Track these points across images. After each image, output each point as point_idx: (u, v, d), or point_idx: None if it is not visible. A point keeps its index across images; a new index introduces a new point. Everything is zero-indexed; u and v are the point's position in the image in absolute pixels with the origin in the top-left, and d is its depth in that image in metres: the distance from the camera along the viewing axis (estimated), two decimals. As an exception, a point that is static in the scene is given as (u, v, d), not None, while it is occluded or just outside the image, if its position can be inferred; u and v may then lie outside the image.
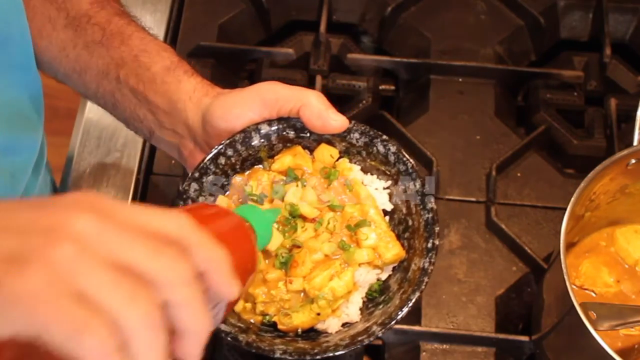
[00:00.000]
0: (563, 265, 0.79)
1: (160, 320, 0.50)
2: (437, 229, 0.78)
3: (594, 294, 0.93)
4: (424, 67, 1.17)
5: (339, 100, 1.13)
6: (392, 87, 1.22)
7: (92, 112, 1.10)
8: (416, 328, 0.97)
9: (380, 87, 1.20)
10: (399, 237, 0.79)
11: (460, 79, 1.17)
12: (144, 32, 0.86)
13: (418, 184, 0.79)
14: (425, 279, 0.76)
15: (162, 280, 0.50)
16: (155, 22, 1.18)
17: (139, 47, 0.84)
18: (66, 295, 0.48)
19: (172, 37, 1.19)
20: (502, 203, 1.06)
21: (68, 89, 0.92)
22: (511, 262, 1.03)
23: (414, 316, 0.99)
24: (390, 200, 0.81)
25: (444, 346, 0.97)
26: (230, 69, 1.20)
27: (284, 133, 0.81)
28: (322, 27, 1.18)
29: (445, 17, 1.23)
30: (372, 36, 1.26)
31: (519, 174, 1.09)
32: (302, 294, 0.77)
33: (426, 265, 0.76)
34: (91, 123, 1.10)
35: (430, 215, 0.78)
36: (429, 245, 0.77)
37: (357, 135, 0.81)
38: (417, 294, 0.75)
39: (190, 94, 0.82)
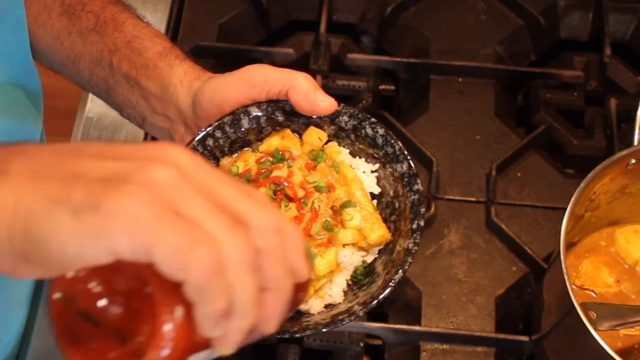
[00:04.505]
0: (563, 265, 0.79)
1: (255, 260, 0.50)
2: (422, 210, 0.78)
3: (594, 294, 0.93)
4: (424, 67, 1.17)
5: (339, 101, 1.13)
6: (392, 87, 1.22)
7: (92, 112, 1.10)
8: (416, 328, 0.97)
9: (380, 87, 1.20)
10: (385, 220, 0.79)
11: (460, 79, 1.17)
12: (137, 19, 0.87)
13: (405, 166, 0.80)
14: (409, 260, 0.75)
15: (253, 224, 0.51)
16: (155, 22, 1.17)
17: (132, 34, 0.85)
18: (169, 214, 0.48)
19: (172, 37, 1.19)
20: (502, 203, 1.06)
21: (67, 88, 0.92)
22: (511, 262, 1.03)
23: (414, 316, 0.99)
24: (378, 183, 0.82)
25: (444, 346, 0.97)
26: (230, 69, 1.19)
27: (273, 116, 0.81)
28: (322, 27, 1.18)
29: (445, 17, 1.22)
30: (372, 36, 1.26)
31: (519, 174, 1.09)
32: None
33: (410, 245, 0.76)
34: (91, 123, 1.10)
35: (417, 197, 0.78)
36: (414, 226, 0.77)
37: (345, 118, 0.81)
38: (400, 274, 0.75)
39: (182, 78, 0.82)
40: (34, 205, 0.49)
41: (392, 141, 0.80)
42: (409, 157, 0.80)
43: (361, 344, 0.98)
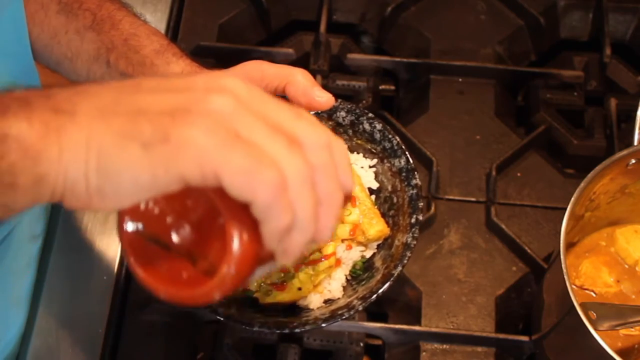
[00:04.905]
0: (563, 265, 0.79)
1: (312, 177, 0.54)
2: (421, 204, 0.78)
3: (594, 294, 0.93)
4: (424, 67, 1.17)
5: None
6: (392, 87, 1.22)
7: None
8: (416, 328, 0.97)
9: (380, 87, 1.20)
10: (384, 215, 0.80)
11: (460, 79, 1.17)
12: (134, 17, 0.87)
13: (403, 160, 0.80)
14: (408, 254, 0.76)
15: (306, 142, 0.54)
16: (155, 22, 1.18)
17: (128, 31, 0.85)
18: (233, 139, 0.51)
19: (172, 37, 1.19)
20: (502, 203, 1.06)
21: (68, 88, 0.92)
22: (511, 262, 1.03)
23: (414, 316, 0.99)
24: (376, 178, 0.82)
25: (444, 346, 0.97)
26: (230, 69, 1.20)
27: None
28: (322, 27, 1.18)
29: (445, 17, 1.22)
30: (372, 36, 1.26)
31: (519, 174, 1.09)
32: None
33: (409, 240, 0.77)
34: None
35: (415, 191, 0.78)
36: (413, 220, 0.77)
37: (343, 113, 0.81)
38: (399, 269, 0.75)
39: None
40: (105, 142, 0.52)
41: (390, 136, 0.80)
42: (406, 152, 0.80)
43: (361, 344, 0.98)
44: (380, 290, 0.74)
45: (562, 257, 0.80)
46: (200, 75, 0.55)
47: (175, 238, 0.59)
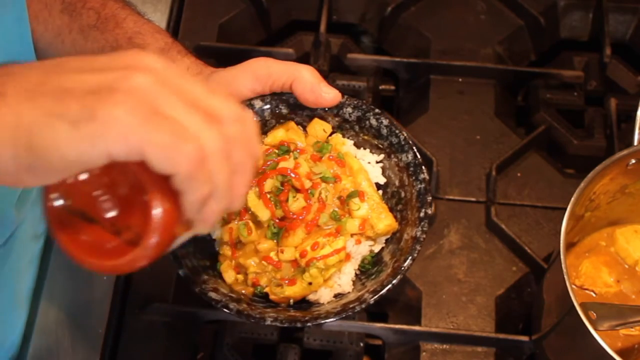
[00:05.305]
0: (563, 265, 0.79)
1: (227, 148, 0.57)
2: (429, 198, 0.78)
3: (594, 294, 0.93)
4: (424, 67, 1.17)
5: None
6: (392, 87, 1.22)
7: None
8: (416, 328, 0.97)
9: (380, 87, 1.20)
10: (391, 209, 0.80)
11: (460, 79, 1.17)
12: (138, 15, 0.87)
13: (410, 155, 0.80)
14: (418, 247, 0.76)
15: (221, 116, 0.57)
16: (156, 22, 1.16)
17: (133, 30, 0.85)
18: (155, 116, 0.54)
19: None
20: (502, 203, 1.06)
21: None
22: (511, 262, 1.03)
23: (414, 316, 0.99)
24: (383, 173, 0.82)
25: (444, 346, 0.97)
26: (230, 69, 1.19)
27: (277, 109, 0.81)
28: (322, 27, 1.18)
29: (445, 17, 1.23)
30: (372, 36, 1.26)
31: (519, 174, 1.09)
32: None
33: (418, 233, 0.77)
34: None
35: (423, 185, 0.79)
36: (421, 214, 0.78)
37: (349, 109, 0.82)
38: (410, 262, 0.75)
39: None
40: (35, 121, 0.54)
41: (397, 131, 0.80)
42: (414, 147, 0.80)
43: (361, 344, 0.98)
44: (391, 284, 0.74)
45: (562, 257, 0.80)
46: (121, 54, 0.57)
47: (100, 211, 0.61)
